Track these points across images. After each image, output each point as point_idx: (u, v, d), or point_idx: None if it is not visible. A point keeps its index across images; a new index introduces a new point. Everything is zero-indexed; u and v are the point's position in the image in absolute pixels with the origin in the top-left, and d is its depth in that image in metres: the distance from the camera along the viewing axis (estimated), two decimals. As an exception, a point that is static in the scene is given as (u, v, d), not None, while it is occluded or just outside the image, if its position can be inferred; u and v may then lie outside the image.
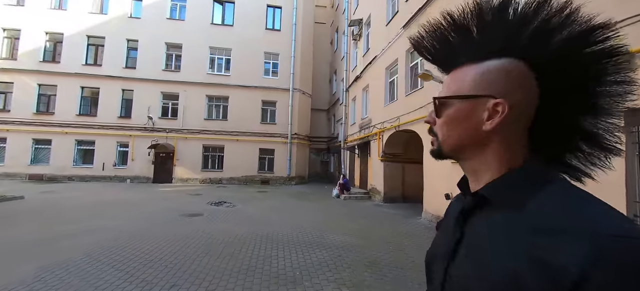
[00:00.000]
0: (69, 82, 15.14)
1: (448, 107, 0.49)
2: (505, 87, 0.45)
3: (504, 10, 0.47)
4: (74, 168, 14.91)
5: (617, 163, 2.23)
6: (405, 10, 8.71)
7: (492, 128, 0.45)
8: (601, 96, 0.45)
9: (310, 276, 3.53)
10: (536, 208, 0.40)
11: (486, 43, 0.47)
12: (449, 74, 0.52)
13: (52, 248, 4.43)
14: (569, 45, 0.44)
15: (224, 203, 9.72)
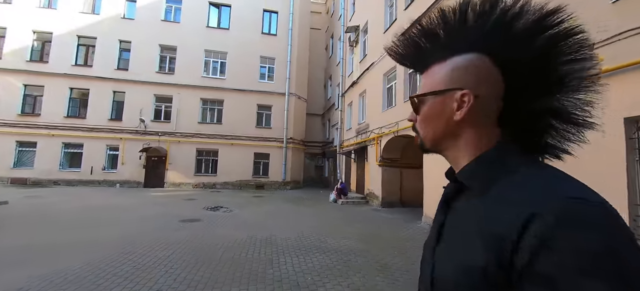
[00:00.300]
0: (57, 83, 14.65)
1: (424, 104, 0.53)
2: (471, 80, 0.48)
3: (464, 12, 0.51)
4: (60, 172, 14.34)
5: (619, 168, 2.31)
6: (404, 18, 8.89)
7: (462, 118, 0.49)
8: (565, 75, 0.47)
9: (323, 281, 3.48)
10: (496, 191, 0.43)
11: (452, 43, 0.52)
12: (422, 75, 0.56)
13: (47, 255, 4.23)
14: (526, 34, 0.47)
15: (221, 208, 9.54)
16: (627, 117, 3.29)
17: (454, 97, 0.49)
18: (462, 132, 0.50)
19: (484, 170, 0.47)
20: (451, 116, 0.50)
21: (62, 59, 14.76)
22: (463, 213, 0.48)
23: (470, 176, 0.48)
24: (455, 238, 0.47)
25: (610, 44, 3.47)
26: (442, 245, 0.50)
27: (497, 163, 0.46)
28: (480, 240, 0.40)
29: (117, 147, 14.99)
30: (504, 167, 0.45)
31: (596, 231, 0.33)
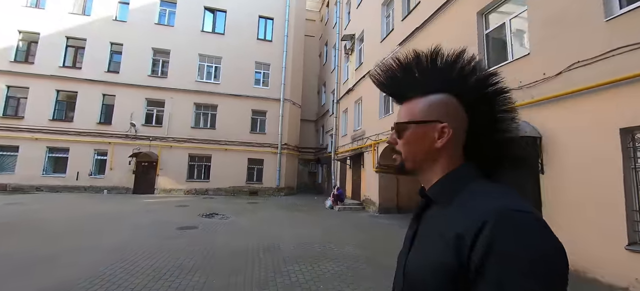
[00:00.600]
0: (43, 85, 14.10)
1: (406, 130, 0.62)
2: (446, 115, 0.59)
3: (435, 59, 0.63)
4: (44, 178, 13.70)
5: (616, 175, 2.45)
6: (402, 28, 9.13)
7: (442, 146, 0.59)
8: (502, 117, 0.61)
9: (336, 289, 3.47)
10: (458, 202, 0.53)
11: (429, 82, 0.62)
12: (402, 104, 0.66)
13: (47, 267, 4.03)
14: (480, 86, 0.61)
15: (216, 215, 9.37)
16: (623, 128, 3.50)
17: (436, 128, 0.59)
18: (439, 157, 0.60)
19: (449, 186, 0.58)
20: (433, 143, 0.60)
21: (49, 60, 14.25)
22: (431, 222, 0.58)
23: (438, 192, 0.59)
24: (425, 242, 0.57)
25: (605, 59, 3.70)
26: (414, 249, 0.59)
27: (460, 180, 0.57)
28: (444, 241, 0.50)
29: (105, 151, 14.50)
30: (465, 183, 0.56)
31: (527, 234, 0.43)
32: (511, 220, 0.44)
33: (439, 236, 0.52)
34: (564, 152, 4.14)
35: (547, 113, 4.40)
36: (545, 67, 4.47)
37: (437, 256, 0.50)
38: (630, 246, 3.36)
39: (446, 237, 0.50)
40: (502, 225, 0.43)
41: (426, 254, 0.54)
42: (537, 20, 4.68)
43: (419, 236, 0.60)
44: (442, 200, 0.57)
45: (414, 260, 0.58)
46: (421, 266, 0.54)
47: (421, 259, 0.55)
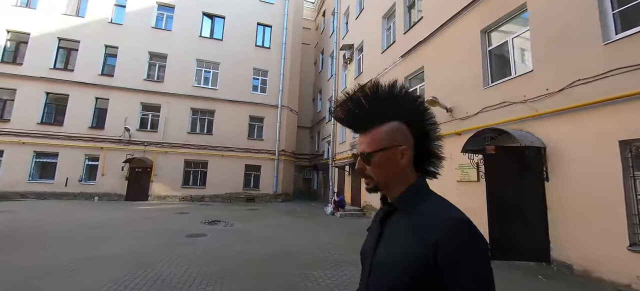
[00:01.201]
0: (32, 87, 13.55)
1: (374, 157, 0.73)
2: (402, 138, 0.73)
3: (388, 94, 0.77)
4: (30, 184, 13.06)
5: (617, 183, 2.78)
6: (404, 41, 9.54)
7: (404, 165, 0.73)
8: (430, 132, 0.78)
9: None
10: (419, 210, 0.69)
11: (385, 114, 0.75)
12: (361, 135, 0.77)
13: (68, 277, 3.93)
14: (416, 110, 0.77)
15: (219, 222, 9.27)
16: (622, 140, 3.90)
17: (398, 151, 0.72)
18: (401, 173, 0.74)
19: (411, 196, 0.72)
20: (397, 163, 0.73)
21: (39, 62, 13.74)
22: (398, 225, 0.71)
23: (403, 201, 0.72)
24: (393, 239, 0.70)
25: (604, 78, 4.12)
26: (381, 245, 0.72)
27: (419, 192, 0.73)
28: (413, 238, 0.65)
29: (97, 156, 14.02)
30: (422, 193, 0.73)
31: (473, 235, 0.61)
32: (460, 223, 0.62)
33: (408, 235, 0.66)
34: (568, 161, 4.52)
35: (551, 125, 4.80)
36: (548, 83, 4.88)
37: (407, 250, 0.64)
38: (631, 247, 3.72)
39: (415, 237, 0.64)
40: (457, 228, 0.62)
41: (396, 249, 0.67)
42: (539, 40, 5.11)
43: (386, 236, 0.73)
44: (406, 208, 0.71)
45: (383, 254, 0.70)
46: (391, 258, 0.67)
47: (390, 253, 0.68)
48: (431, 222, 0.64)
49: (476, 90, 6.39)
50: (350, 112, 0.78)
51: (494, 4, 6.13)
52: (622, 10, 4.15)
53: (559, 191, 4.61)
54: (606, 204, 4.00)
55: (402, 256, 0.65)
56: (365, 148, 0.74)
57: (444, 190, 5.71)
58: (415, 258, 0.62)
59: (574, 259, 4.33)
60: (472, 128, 6.29)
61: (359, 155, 0.76)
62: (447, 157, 4.84)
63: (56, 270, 4.12)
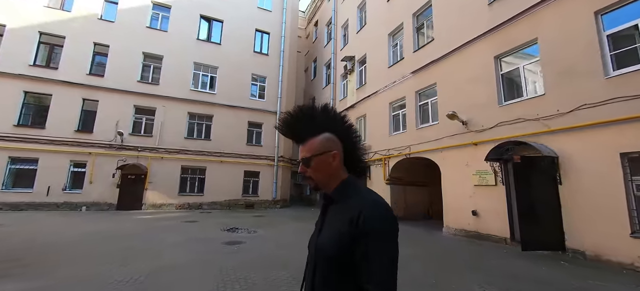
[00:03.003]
0: (8, 85, 12.12)
1: (312, 161, 0.90)
2: (333, 145, 0.92)
3: (322, 113, 0.97)
4: (3, 193, 11.59)
5: (618, 186, 3.88)
6: (414, 59, 10.55)
7: (336, 166, 0.92)
8: (355, 141, 1.00)
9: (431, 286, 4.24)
10: (350, 199, 0.87)
11: (319, 128, 0.94)
12: (301, 145, 0.94)
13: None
14: (342, 124, 0.99)
15: (237, 229, 9.24)
16: (622, 152, 5.07)
17: (331, 154, 0.90)
18: (335, 173, 0.92)
19: (344, 190, 0.91)
20: (331, 165, 0.91)
21: (16, 57, 12.35)
22: (334, 212, 0.89)
23: (338, 194, 0.91)
24: (332, 224, 0.87)
25: (607, 105, 5.31)
26: (323, 230, 0.89)
27: (349, 186, 0.91)
28: (344, 221, 0.81)
29: (84, 163, 12.91)
30: (353, 187, 0.91)
31: (384, 209, 0.81)
32: (377, 204, 0.81)
33: (341, 219, 0.83)
34: (578, 168, 5.66)
35: (562, 139, 5.94)
36: (558, 105, 6.04)
37: (339, 229, 0.81)
38: (633, 234, 4.86)
39: (345, 218, 0.81)
40: (373, 207, 0.80)
41: (333, 230, 0.84)
42: (550, 70, 6.29)
43: (326, 223, 0.90)
44: (340, 199, 0.89)
45: (324, 236, 0.87)
46: (329, 238, 0.84)
47: (329, 234, 0.85)
48: (356, 204, 0.82)
49: (491, 107, 7.48)
50: (291, 127, 0.96)
51: (507, 35, 7.30)
52: (616, 53, 5.40)
53: (571, 192, 5.73)
54: (611, 202, 5.14)
55: (335, 233, 0.82)
56: (305, 154, 0.91)
57: (460, 193, 6.84)
58: (343, 232, 0.80)
59: (586, 246, 5.43)
60: (489, 140, 7.35)
61: (300, 160, 0.93)
62: (464, 165, 5.92)
63: (149, 286, 4.10)
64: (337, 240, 0.80)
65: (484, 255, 5.99)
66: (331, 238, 0.82)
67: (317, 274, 0.85)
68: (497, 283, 4.27)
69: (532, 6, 6.67)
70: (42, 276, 4.26)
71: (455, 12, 8.90)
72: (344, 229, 0.80)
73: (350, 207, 0.82)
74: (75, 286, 3.89)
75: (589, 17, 5.68)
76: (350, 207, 0.82)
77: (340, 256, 0.79)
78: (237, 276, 4.48)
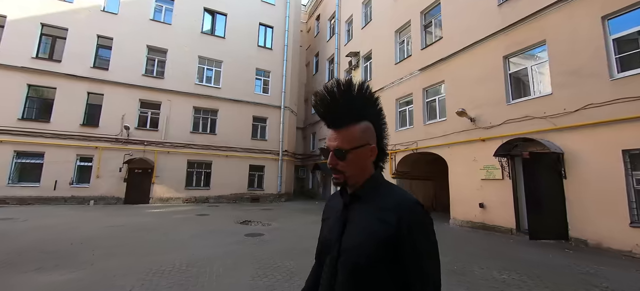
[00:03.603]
0: (10, 78, 11.91)
1: (348, 154, 0.80)
2: (371, 137, 0.83)
3: (362, 92, 0.84)
4: (10, 188, 11.51)
5: (620, 179, 4.32)
6: (422, 56, 10.83)
7: (371, 161, 0.84)
8: (384, 129, 0.89)
9: (472, 268, 4.62)
10: (378, 197, 0.80)
11: (360, 114, 0.82)
12: (335, 130, 0.82)
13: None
14: (378, 112, 0.87)
15: (250, 222, 9.48)
16: (624, 149, 5.51)
17: (369, 148, 0.82)
18: (368, 168, 0.84)
19: (374, 187, 0.83)
20: (367, 160, 0.83)
21: (18, 49, 12.10)
22: (361, 211, 0.81)
23: (367, 192, 0.82)
24: (359, 224, 0.79)
25: (611, 105, 5.71)
26: (349, 229, 0.80)
27: (376, 182, 0.84)
28: (380, 221, 0.75)
29: (90, 157, 12.87)
30: (380, 183, 0.83)
31: (420, 212, 0.76)
32: (416, 203, 0.76)
33: (374, 218, 0.76)
34: (582, 163, 6.09)
35: (568, 136, 6.35)
36: (565, 104, 6.44)
37: (374, 229, 0.75)
38: (632, 224, 5.33)
39: (380, 218, 0.75)
40: (412, 208, 0.75)
41: (363, 230, 0.77)
42: (557, 71, 6.67)
43: (352, 222, 0.81)
44: (368, 197, 0.81)
45: (352, 235, 0.78)
46: (360, 238, 0.76)
47: (361, 235, 0.77)
48: (392, 205, 0.75)
49: (500, 105, 7.86)
50: (329, 108, 0.82)
51: (516, 36, 7.63)
52: (621, 56, 5.79)
53: (575, 186, 6.17)
54: (612, 194, 5.60)
55: (370, 234, 0.75)
56: (342, 144, 0.79)
57: (467, 187, 7.31)
58: (380, 234, 0.73)
59: (588, 235, 5.91)
60: (497, 136, 7.74)
61: (332, 150, 0.80)
62: (471, 160, 6.38)
63: (196, 273, 4.34)
64: (374, 240, 0.74)
65: (494, 244, 6.42)
66: (367, 239, 0.75)
67: (341, 276, 0.77)
68: (514, 268, 4.67)
69: (541, 9, 7.00)
70: (83, 267, 4.45)
71: (465, 12, 9.18)
72: (379, 229, 0.74)
73: (384, 207, 0.77)
74: (124, 275, 4.10)
75: (596, 21, 6.05)
76: (385, 206, 0.77)
77: (377, 257, 0.73)
78: (272, 264, 4.77)
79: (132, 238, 6.51)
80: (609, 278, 4.26)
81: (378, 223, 0.75)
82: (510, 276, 4.34)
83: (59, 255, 5.07)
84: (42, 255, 5.00)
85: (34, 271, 4.23)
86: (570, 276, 4.38)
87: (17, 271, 4.18)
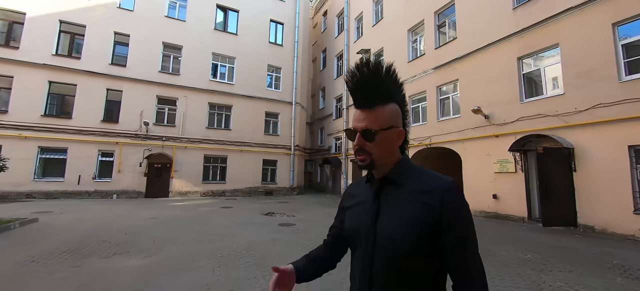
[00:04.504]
0: (32, 74, 12.11)
1: (377, 134, 0.78)
2: (398, 120, 0.82)
3: (391, 76, 0.81)
4: (36, 183, 11.85)
5: (625, 172, 4.96)
6: (436, 55, 11.33)
7: (398, 144, 0.83)
8: (408, 119, 0.89)
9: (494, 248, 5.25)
10: (414, 180, 0.79)
11: (390, 95, 0.81)
12: (364, 110, 0.79)
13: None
14: (403, 95, 0.87)
15: (274, 213, 10.00)
16: (630, 145, 6.15)
17: (397, 131, 0.81)
18: (395, 151, 0.83)
19: (404, 169, 0.81)
20: (395, 143, 0.82)
21: (39, 46, 12.29)
22: (395, 196, 0.79)
23: (398, 175, 0.80)
24: (395, 209, 0.77)
25: (618, 105, 6.33)
26: (383, 215, 0.78)
27: (407, 165, 0.83)
28: (416, 203, 0.74)
29: (110, 152, 13.21)
30: (410, 166, 0.83)
31: (461, 194, 0.75)
32: (455, 186, 0.75)
33: (411, 202, 0.75)
34: (590, 157, 6.73)
35: (578, 133, 6.98)
36: (576, 103, 7.04)
37: (414, 214, 0.73)
38: (635, 212, 6.00)
39: (419, 201, 0.74)
40: (453, 191, 0.74)
41: (403, 216, 0.75)
42: (569, 72, 7.25)
43: (386, 208, 0.79)
44: (402, 181, 0.79)
45: (388, 221, 0.76)
46: (400, 224, 0.74)
47: (398, 221, 0.75)
48: (429, 188, 0.74)
49: (513, 103, 8.44)
50: (361, 86, 0.80)
51: (530, 39, 8.18)
52: (629, 61, 6.39)
53: (584, 178, 6.83)
54: (617, 185, 6.26)
55: (411, 220, 0.73)
56: (370, 125, 0.78)
57: (481, 179, 8.15)
58: (422, 219, 0.72)
59: (595, 222, 6.59)
60: (510, 132, 8.35)
61: (360, 131, 0.79)
62: (485, 154, 7.13)
63: (257, 256, 4.87)
64: (414, 225, 0.72)
65: (510, 231, 7.08)
66: (406, 223, 0.73)
67: (380, 264, 0.76)
68: (535, 250, 5.30)
69: (555, 14, 7.54)
70: (154, 253, 4.95)
71: (479, 14, 9.68)
72: (421, 212, 0.73)
73: (423, 189, 0.75)
74: (196, 259, 4.61)
75: (607, 27, 6.62)
76: (425, 189, 0.75)
77: (418, 242, 0.72)
78: (321, 250, 5.32)
79: (178, 229, 7.00)
80: (617, 257, 4.92)
81: (419, 206, 0.74)
82: (534, 256, 4.97)
83: (120, 243, 5.54)
84: (104, 244, 5.46)
85: (113, 256, 4.72)
86: (585, 255, 5.03)
87: (99, 257, 4.66)
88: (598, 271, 4.24)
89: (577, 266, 4.43)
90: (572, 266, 4.45)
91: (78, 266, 4.18)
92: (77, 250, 4.98)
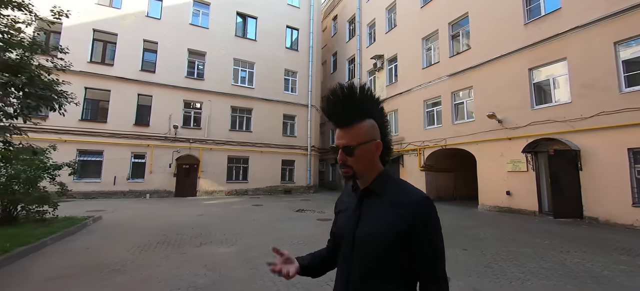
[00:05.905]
0: (71, 81, 12.73)
1: (356, 150, 0.85)
2: (376, 134, 0.89)
3: (365, 95, 0.89)
4: (75, 184, 12.54)
5: (625, 173, 6.03)
6: (450, 63, 12.30)
7: (377, 156, 0.90)
8: (387, 131, 0.95)
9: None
10: (392, 192, 0.86)
11: (364, 112, 0.88)
12: (342, 129, 0.87)
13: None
14: (381, 110, 0.94)
15: (304, 210, 10.88)
16: (629, 148, 7.18)
17: (375, 144, 0.87)
18: (375, 163, 0.90)
19: (385, 182, 0.89)
20: (373, 155, 0.88)
21: (75, 54, 12.86)
22: (375, 205, 0.87)
23: (378, 186, 0.88)
24: (374, 216, 0.86)
25: (619, 113, 7.35)
26: (363, 222, 0.87)
27: (388, 178, 0.90)
28: (393, 215, 0.81)
29: (143, 154, 13.98)
30: (393, 180, 0.90)
31: (433, 208, 0.82)
32: (428, 202, 0.82)
33: (388, 212, 0.83)
34: (595, 158, 7.76)
35: (584, 137, 7.99)
36: (582, 111, 8.06)
37: (389, 223, 0.81)
38: (634, 204, 7.04)
39: (394, 212, 0.81)
40: (426, 205, 0.81)
41: (378, 223, 0.83)
42: (576, 83, 8.26)
43: (366, 215, 0.87)
44: (380, 192, 0.87)
45: (366, 229, 0.85)
46: (375, 230, 0.83)
47: (374, 227, 0.83)
48: (405, 201, 0.82)
49: (524, 109, 9.44)
50: (336, 109, 0.87)
51: (540, 52, 9.16)
52: (628, 75, 7.41)
53: (589, 176, 7.86)
54: (618, 182, 7.29)
55: (386, 228, 0.81)
56: (349, 141, 0.85)
57: (494, 178, 9.43)
58: (396, 227, 0.80)
59: (599, 214, 7.63)
60: (522, 136, 9.36)
61: (341, 148, 0.86)
62: (498, 155, 8.36)
63: (313, 245, 5.77)
64: (389, 232, 0.80)
65: (524, 223, 8.09)
66: (382, 230, 0.81)
67: (357, 264, 0.84)
68: (550, 239, 6.30)
69: (562, 32, 8.54)
70: (232, 243, 5.81)
71: (492, 27, 10.65)
72: (395, 222, 0.80)
73: (399, 202, 0.82)
74: (267, 247, 5.49)
75: (609, 45, 7.62)
76: (397, 201, 0.83)
77: (392, 247, 0.80)
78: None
79: (232, 223, 7.86)
80: (620, 242, 5.93)
81: (394, 216, 0.81)
82: (551, 242, 5.97)
83: (197, 236, 6.38)
84: (184, 237, 6.28)
85: (201, 246, 5.58)
86: (593, 241, 6.04)
87: (191, 246, 5.52)
88: (606, 252, 5.24)
89: (588, 249, 5.42)
90: (584, 248, 5.46)
91: (183, 253, 5.04)
92: (165, 242, 5.81)
